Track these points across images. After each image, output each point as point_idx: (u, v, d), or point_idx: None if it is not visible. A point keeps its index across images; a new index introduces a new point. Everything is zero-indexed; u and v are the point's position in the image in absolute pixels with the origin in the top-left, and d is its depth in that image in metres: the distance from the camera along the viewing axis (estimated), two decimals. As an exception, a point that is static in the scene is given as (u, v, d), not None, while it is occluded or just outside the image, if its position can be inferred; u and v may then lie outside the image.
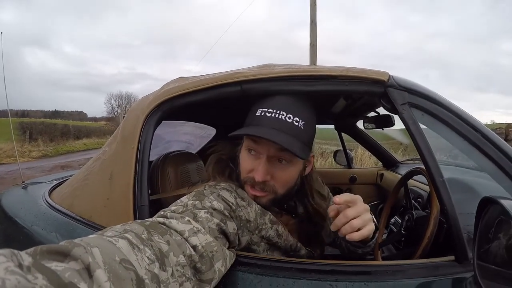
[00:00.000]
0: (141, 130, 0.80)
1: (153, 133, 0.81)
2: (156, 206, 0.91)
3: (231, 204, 0.67)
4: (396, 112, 0.72)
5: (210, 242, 0.55)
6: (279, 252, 0.76)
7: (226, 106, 0.95)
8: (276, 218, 0.75)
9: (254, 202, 0.72)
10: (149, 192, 0.84)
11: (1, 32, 1.20)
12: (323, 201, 0.88)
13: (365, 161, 6.82)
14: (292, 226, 0.83)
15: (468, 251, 0.61)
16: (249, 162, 0.72)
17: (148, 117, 0.81)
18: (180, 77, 0.90)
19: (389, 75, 0.72)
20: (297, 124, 0.68)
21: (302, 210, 0.85)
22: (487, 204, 0.55)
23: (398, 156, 2.12)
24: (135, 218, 0.73)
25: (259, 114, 0.70)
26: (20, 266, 0.29)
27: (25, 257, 0.31)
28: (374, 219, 0.70)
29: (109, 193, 0.81)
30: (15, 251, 0.30)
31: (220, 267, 0.55)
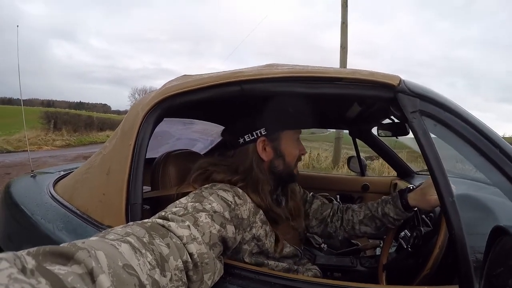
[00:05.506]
0: (139, 127, 0.78)
1: (153, 131, 0.80)
2: (154, 202, 0.91)
3: (230, 203, 0.69)
4: (406, 121, 0.66)
5: (203, 253, 0.54)
6: (266, 254, 0.78)
7: (228, 105, 0.92)
8: (275, 213, 0.82)
9: (248, 200, 0.76)
10: (145, 189, 0.83)
11: (17, 26, 1.27)
12: (295, 194, 0.99)
13: (392, 170, 6.47)
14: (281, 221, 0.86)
15: (475, 282, 0.55)
16: (298, 147, 0.90)
17: (147, 114, 0.79)
18: (183, 75, 0.89)
19: (400, 79, 0.67)
20: None
21: (284, 202, 0.93)
22: (500, 234, 0.49)
23: (414, 167, 2.02)
24: (127, 215, 0.73)
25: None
26: (23, 269, 0.29)
27: (29, 259, 0.30)
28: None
29: (106, 188, 0.81)
30: (18, 254, 0.30)
31: (207, 280, 0.55)
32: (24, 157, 7.69)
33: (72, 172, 1.15)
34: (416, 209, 0.98)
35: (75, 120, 15.49)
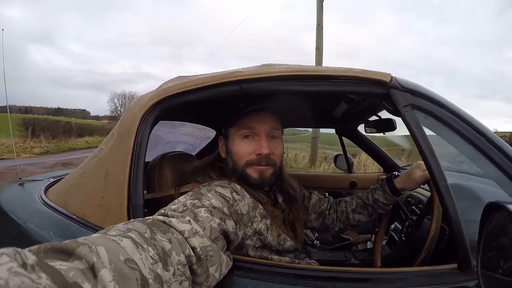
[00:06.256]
0: (137, 128, 0.78)
1: (150, 132, 0.80)
2: (151, 205, 0.90)
3: (228, 199, 0.70)
4: (399, 114, 0.70)
5: (206, 246, 0.55)
6: (269, 248, 0.79)
7: (225, 106, 0.94)
8: (265, 209, 0.81)
9: (246, 195, 0.77)
10: (145, 191, 0.83)
11: (3, 29, 1.23)
12: (294, 191, 0.97)
13: (369, 167, 6.66)
14: (279, 217, 0.89)
15: (472, 258, 0.59)
16: (248, 146, 0.83)
17: (145, 115, 0.79)
18: (179, 76, 0.89)
19: (392, 76, 0.71)
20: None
21: (282, 199, 0.94)
22: (493, 210, 0.53)
23: (401, 163, 2.08)
24: (129, 217, 0.72)
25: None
26: (24, 265, 0.28)
27: (29, 255, 0.30)
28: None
29: (104, 191, 0.80)
30: (19, 250, 0.29)
31: (214, 272, 0.55)
32: (2, 165, 7.37)
33: (62, 178, 1.12)
34: (402, 194, 1.07)
35: (54, 127, 15.01)
